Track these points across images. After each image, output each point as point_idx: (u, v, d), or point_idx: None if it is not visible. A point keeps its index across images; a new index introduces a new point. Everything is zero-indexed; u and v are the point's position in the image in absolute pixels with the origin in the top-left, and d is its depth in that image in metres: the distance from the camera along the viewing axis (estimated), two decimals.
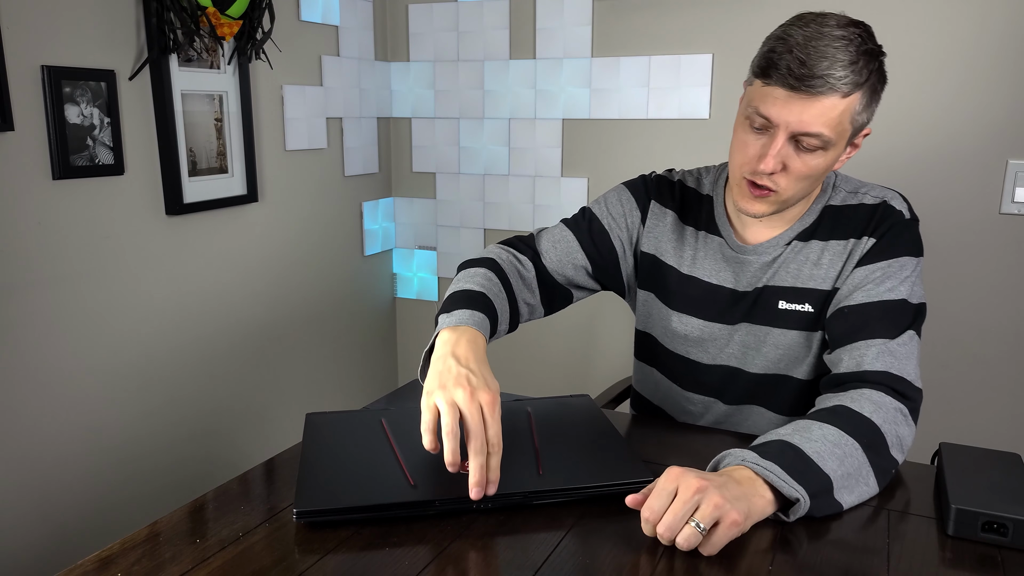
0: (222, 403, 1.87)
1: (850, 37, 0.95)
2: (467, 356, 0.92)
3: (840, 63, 0.94)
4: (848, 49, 0.94)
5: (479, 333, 0.98)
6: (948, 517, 0.83)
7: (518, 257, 1.19)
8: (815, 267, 1.10)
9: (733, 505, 0.79)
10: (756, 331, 1.14)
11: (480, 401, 0.85)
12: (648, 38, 1.98)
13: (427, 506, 0.86)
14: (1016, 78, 1.68)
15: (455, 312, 1.01)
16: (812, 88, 0.95)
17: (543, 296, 1.20)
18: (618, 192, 1.25)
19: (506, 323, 1.10)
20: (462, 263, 1.17)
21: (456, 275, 1.15)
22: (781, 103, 0.97)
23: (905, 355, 1.00)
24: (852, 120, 0.98)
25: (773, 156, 0.99)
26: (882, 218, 1.07)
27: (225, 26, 1.66)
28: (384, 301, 2.44)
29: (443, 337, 0.96)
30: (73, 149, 1.46)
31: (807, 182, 1.03)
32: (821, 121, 0.96)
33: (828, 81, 0.94)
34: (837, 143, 0.99)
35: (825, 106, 0.96)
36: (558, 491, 0.89)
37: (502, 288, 1.11)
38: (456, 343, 0.94)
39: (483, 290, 1.06)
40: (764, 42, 1.01)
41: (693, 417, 1.24)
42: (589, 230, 1.22)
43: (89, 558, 0.78)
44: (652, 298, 1.23)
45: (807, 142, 0.98)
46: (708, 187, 1.21)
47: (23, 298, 1.43)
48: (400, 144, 2.36)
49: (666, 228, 1.20)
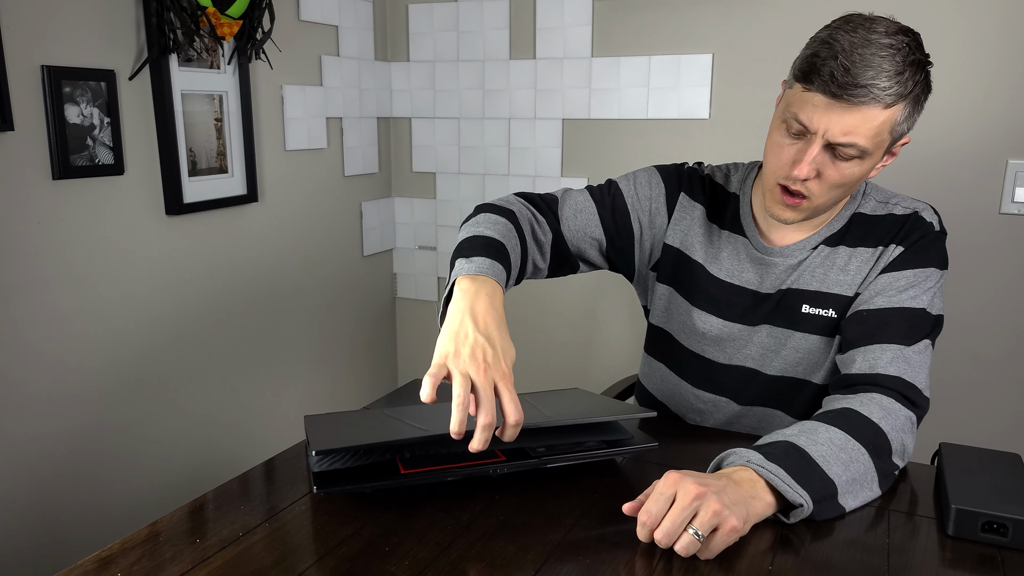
0: (222, 403, 1.87)
1: (898, 46, 0.92)
2: (485, 317, 0.89)
3: (886, 73, 0.91)
4: (895, 59, 0.91)
5: (498, 286, 0.95)
6: (948, 517, 0.83)
7: (537, 218, 1.15)
8: (841, 273, 1.08)
9: (732, 511, 0.78)
10: (777, 333, 1.13)
11: (494, 377, 0.83)
12: (648, 38, 1.98)
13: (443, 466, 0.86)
14: (1016, 78, 1.68)
15: (475, 259, 0.97)
16: (854, 97, 0.92)
17: (552, 261, 1.18)
18: (648, 174, 1.21)
19: (514, 279, 1.07)
20: (480, 205, 1.13)
21: (474, 214, 1.11)
22: (821, 110, 0.95)
23: (919, 363, 0.99)
24: (892, 131, 0.96)
25: (808, 163, 0.97)
26: (912, 228, 1.06)
27: (225, 26, 1.66)
28: (384, 301, 2.44)
29: (462, 286, 0.93)
30: (73, 149, 1.46)
31: (841, 190, 1.01)
32: (860, 131, 0.94)
33: (872, 91, 0.92)
34: (874, 153, 0.97)
35: (865, 116, 0.93)
36: (570, 430, 0.91)
37: (519, 242, 1.08)
38: (475, 297, 0.91)
39: (503, 240, 1.03)
40: (808, 44, 0.98)
41: (701, 415, 1.23)
42: (612, 206, 1.19)
43: (89, 558, 0.78)
44: (673, 293, 1.21)
45: (843, 151, 0.96)
46: (736, 185, 1.19)
47: (23, 298, 1.43)
48: (400, 144, 2.36)
49: (694, 222, 1.18)
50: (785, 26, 1.84)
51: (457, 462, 0.89)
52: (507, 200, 1.16)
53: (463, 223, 1.11)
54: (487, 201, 1.14)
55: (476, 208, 1.13)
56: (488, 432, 0.81)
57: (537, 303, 2.27)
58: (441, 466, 0.87)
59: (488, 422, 0.81)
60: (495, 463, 0.89)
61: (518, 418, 0.83)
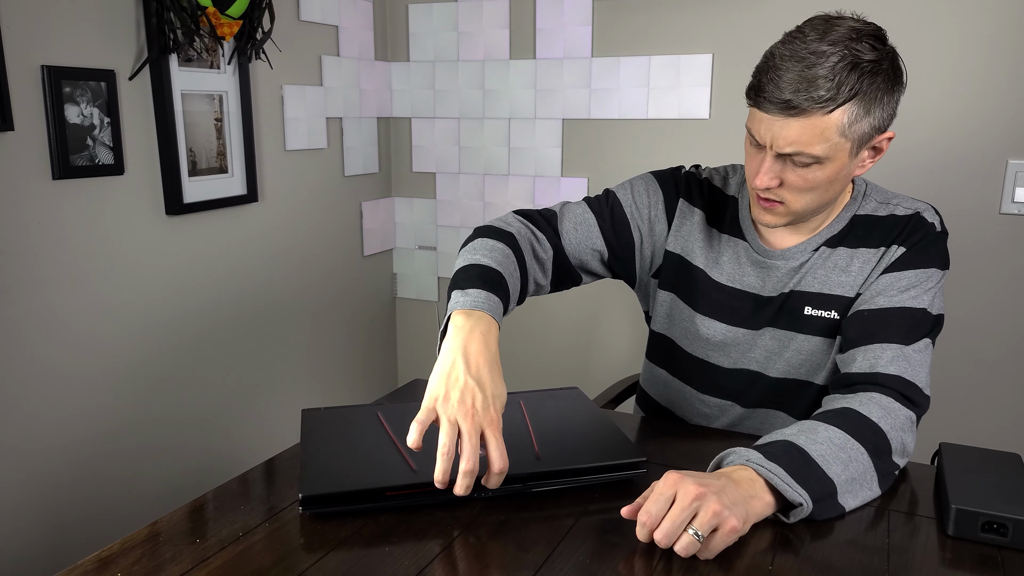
0: (222, 403, 1.87)
1: (830, 52, 0.92)
2: (478, 359, 0.89)
3: (814, 84, 0.92)
4: (826, 65, 0.92)
5: (493, 322, 0.95)
6: (948, 517, 0.83)
7: (537, 236, 1.16)
8: (843, 274, 1.08)
9: (732, 511, 0.78)
10: (780, 336, 1.13)
11: (482, 423, 0.84)
12: (648, 38, 1.98)
13: (430, 491, 0.86)
14: (1016, 78, 1.68)
15: (471, 292, 0.98)
16: (785, 111, 0.94)
17: (554, 277, 1.18)
18: (646, 182, 1.21)
19: (515, 303, 1.08)
20: (480, 228, 1.14)
21: (472, 239, 1.12)
22: (765, 124, 0.97)
23: (919, 363, 0.99)
24: (845, 132, 0.95)
25: (764, 173, 0.99)
26: (914, 228, 1.06)
27: (225, 26, 1.66)
28: (384, 301, 2.44)
29: (456, 323, 0.93)
30: (73, 149, 1.46)
31: (813, 194, 1.01)
32: (804, 140, 0.95)
33: (801, 104, 0.93)
34: (834, 156, 0.97)
35: (805, 125, 0.94)
36: (556, 474, 0.91)
37: (517, 268, 1.08)
38: (469, 336, 0.91)
39: (500, 268, 1.04)
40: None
41: (707, 420, 1.23)
42: (611, 216, 1.19)
43: (89, 558, 0.78)
44: (675, 300, 1.21)
45: (797, 159, 0.97)
46: (734, 188, 1.19)
47: (23, 298, 1.43)
48: (400, 144, 2.36)
49: (694, 228, 1.18)
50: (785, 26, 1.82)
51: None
52: (506, 221, 1.15)
53: (461, 248, 1.11)
54: (486, 223, 1.15)
55: (475, 231, 1.14)
56: (470, 479, 0.83)
57: (538, 304, 2.27)
58: (426, 489, 0.87)
59: (470, 469, 0.83)
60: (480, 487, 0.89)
61: (503, 466, 0.84)
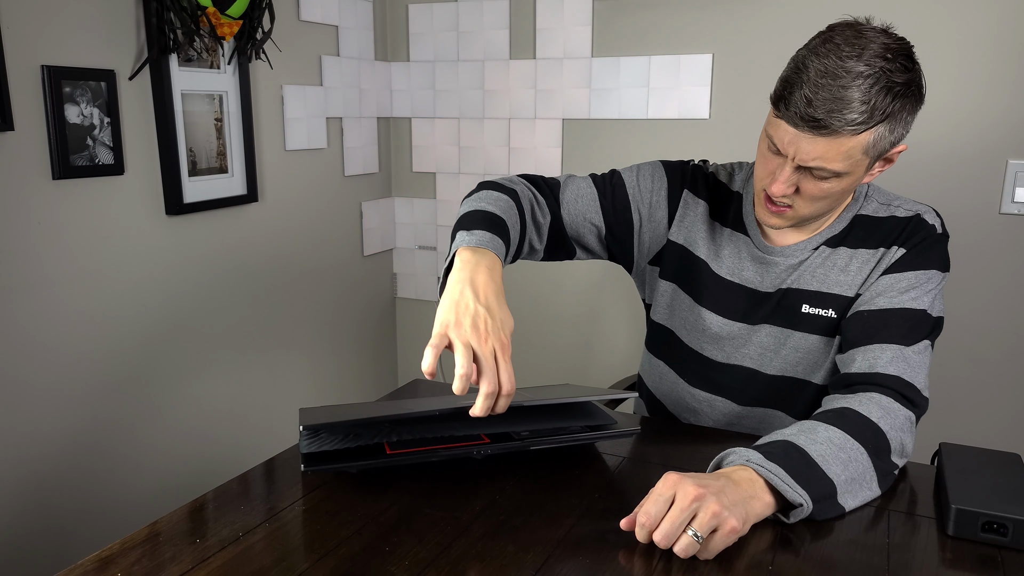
0: (222, 403, 1.87)
1: (868, 74, 0.90)
2: (485, 289, 0.90)
3: (850, 106, 0.91)
4: (862, 87, 0.90)
5: (498, 259, 0.96)
6: (948, 517, 0.83)
7: (538, 199, 1.17)
8: (842, 273, 1.09)
9: (731, 512, 0.78)
10: (777, 333, 1.13)
11: (494, 345, 0.85)
12: (648, 38, 1.98)
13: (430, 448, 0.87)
14: (1016, 79, 1.68)
15: (476, 232, 0.99)
16: (816, 130, 0.93)
17: (548, 244, 1.19)
18: (652, 168, 1.22)
19: (511, 256, 1.09)
20: (483, 181, 1.15)
21: (476, 190, 1.13)
22: (790, 137, 0.96)
23: (918, 363, 0.99)
24: (868, 151, 0.96)
25: (783, 182, 0.99)
26: (915, 230, 1.06)
27: (225, 26, 1.66)
28: (384, 301, 2.44)
29: (463, 257, 0.94)
30: (73, 149, 1.46)
31: (824, 202, 1.02)
32: (829, 156, 0.95)
33: (833, 124, 0.92)
34: (853, 171, 0.98)
35: (831, 144, 0.94)
36: (553, 431, 0.93)
37: (518, 221, 1.09)
38: (476, 268, 0.92)
39: (504, 216, 1.05)
40: (788, 62, 0.97)
41: (695, 415, 1.23)
42: (613, 195, 1.20)
43: (89, 558, 0.78)
44: (676, 290, 1.22)
45: (817, 173, 0.97)
46: (739, 184, 1.19)
47: (23, 298, 1.43)
48: (400, 144, 2.36)
49: (698, 219, 1.19)
50: (785, 26, 1.84)
51: (442, 444, 0.91)
52: (510, 179, 1.17)
53: (465, 198, 1.13)
54: (490, 179, 1.16)
55: (479, 184, 1.15)
56: (491, 400, 0.84)
57: (538, 301, 2.27)
58: (426, 447, 0.88)
59: (492, 390, 0.84)
60: (479, 444, 0.91)
61: (511, 389, 0.85)
